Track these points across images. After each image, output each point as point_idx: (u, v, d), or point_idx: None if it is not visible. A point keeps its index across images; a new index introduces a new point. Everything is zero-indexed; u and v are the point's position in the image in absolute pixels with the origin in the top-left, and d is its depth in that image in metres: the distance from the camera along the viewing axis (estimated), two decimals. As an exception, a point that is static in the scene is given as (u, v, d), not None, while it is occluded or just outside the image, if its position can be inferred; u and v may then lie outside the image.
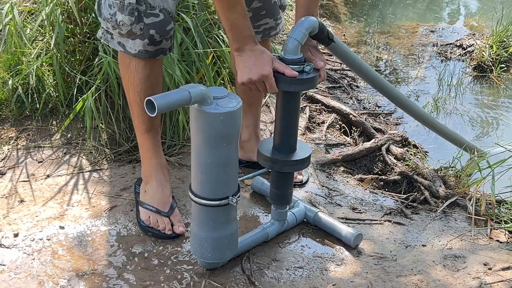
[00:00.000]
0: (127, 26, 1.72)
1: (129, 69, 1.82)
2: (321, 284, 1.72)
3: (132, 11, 1.70)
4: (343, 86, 3.45)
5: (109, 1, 1.75)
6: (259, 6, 1.98)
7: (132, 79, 1.82)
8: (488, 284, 1.73)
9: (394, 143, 2.64)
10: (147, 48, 1.76)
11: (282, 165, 1.74)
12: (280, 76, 1.60)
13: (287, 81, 1.60)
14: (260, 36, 2.02)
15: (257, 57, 1.61)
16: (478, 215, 2.08)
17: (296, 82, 1.61)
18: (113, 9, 1.74)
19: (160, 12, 1.72)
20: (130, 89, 1.85)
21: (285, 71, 1.60)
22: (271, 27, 2.05)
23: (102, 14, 1.78)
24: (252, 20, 1.95)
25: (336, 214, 2.07)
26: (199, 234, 1.66)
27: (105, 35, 1.83)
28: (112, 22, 1.75)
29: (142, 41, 1.74)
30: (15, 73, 2.48)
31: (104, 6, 1.77)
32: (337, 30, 4.50)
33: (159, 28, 1.74)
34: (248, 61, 1.60)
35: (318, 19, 1.66)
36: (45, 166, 2.25)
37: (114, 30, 1.77)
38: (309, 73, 1.62)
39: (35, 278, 1.68)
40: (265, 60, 1.60)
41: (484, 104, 3.51)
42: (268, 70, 1.59)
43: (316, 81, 1.66)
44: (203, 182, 1.59)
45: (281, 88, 1.62)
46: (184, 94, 1.42)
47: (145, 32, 1.73)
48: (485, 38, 4.22)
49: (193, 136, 1.55)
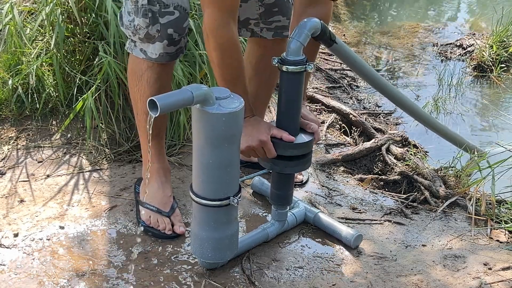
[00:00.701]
0: (144, 29, 1.72)
1: (141, 81, 1.82)
2: (321, 284, 1.72)
3: (146, 12, 1.70)
4: (343, 86, 3.45)
5: (127, 8, 1.75)
6: (272, 3, 1.96)
7: (143, 91, 1.83)
8: (488, 284, 1.73)
9: (394, 143, 2.64)
10: (167, 50, 1.76)
11: (283, 167, 1.74)
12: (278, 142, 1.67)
13: (285, 146, 1.68)
14: (272, 33, 2.00)
15: (254, 126, 1.68)
16: (478, 215, 2.08)
17: (293, 146, 1.69)
18: (131, 15, 1.74)
19: (175, 9, 1.72)
20: (139, 100, 1.85)
21: (283, 136, 1.67)
22: (284, 26, 2.00)
23: (124, 23, 1.79)
24: (264, 15, 1.95)
25: (336, 214, 2.07)
26: (200, 234, 1.66)
27: (130, 44, 1.83)
28: (132, 28, 1.76)
29: (161, 43, 1.74)
30: (15, 73, 2.48)
31: (124, 14, 1.77)
32: (337, 30, 4.50)
33: (176, 26, 1.73)
34: (246, 130, 1.64)
35: (320, 20, 1.66)
36: (45, 166, 2.25)
37: (135, 37, 1.77)
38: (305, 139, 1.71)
39: (35, 278, 1.68)
40: (263, 128, 1.68)
41: (484, 104, 3.51)
42: (266, 137, 1.66)
43: (312, 145, 1.75)
44: (204, 182, 1.59)
45: (279, 152, 1.69)
46: (187, 95, 1.42)
47: (162, 33, 1.72)
48: (485, 38, 4.22)
49: (195, 137, 1.55)
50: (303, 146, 1.71)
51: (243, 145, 1.66)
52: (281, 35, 2.01)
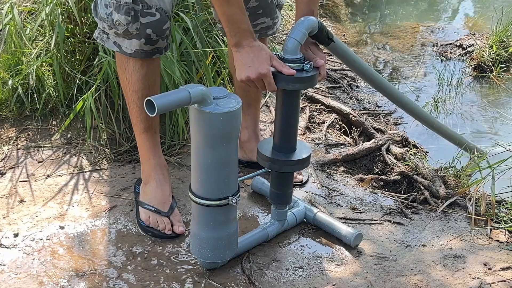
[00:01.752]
0: (123, 25, 1.72)
1: (127, 68, 1.82)
2: (321, 284, 1.72)
3: (129, 10, 1.70)
4: (343, 86, 3.45)
5: (105, 0, 1.74)
6: (256, 6, 1.98)
7: (130, 79, 1.82)
8: (488, 284, 1.73)
9: (394, 143, 2.64)
10: (143, 48, 1.76)
11: (282, 165, 1.74)
12: (279, 74, 1.60)
13: (285, 79, 1.60)
14: (257, 35, 2.01)
15: (256, 54, 1.61)
16: (478, 215, 2.08)
17: (295, 80, 1.61)
18: (109, 8, 1.73)
19: (156, 11, 1.72)
20: (128, 89, 1.85)
21: (283, 69, 1.60)
22: (268, 26, 2.05)
23: (98, 14, 1.78)
24: (249, 19, 1.95)
25: (336, 214, 2.07)
26: (199, 234, 1.66)
27: (101, 35, 1.83)
28: (108, 22, 1.75)
29: (139, 40, 1.74)
30: (15, 73, 2.48)
31: (100, 5, 1.76)
32: (337, 30, 4.50)
33: (156, 27, 1.73)
34: (246, 58, 1.60)
35: (318, 19, 1.66)
36: (45, 166, 2.25)
37: (110, 30, 1.77)
38: (309, 72, 1.62)
39: (35, 278, 1.68)
40: (264, 58, 1.60)
41: (484, 104, 3.51)
42: (267, 69, 1.59)
43: (315, 80, 1.66)
44: (203, 182, 1.59)
45: (279, 86, 1.62)
46: (184, 94, 1.42)
47: (141, 31, 1.72)
48: (485, 38, 4.21)
49: (193, 136, 1.55)
50: (306, 80, 1.62)
51: (242, 75, 1.61)
52: (265, 34, 2.06)
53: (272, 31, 2.09)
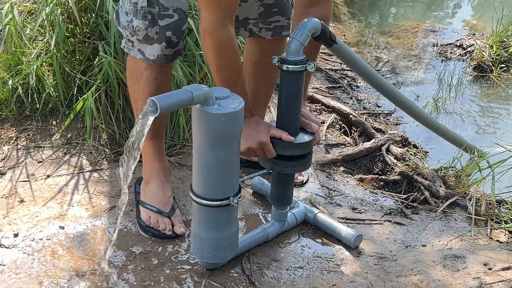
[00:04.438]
0: (143, 30, 1.72)
1: (140, 80, 1.81)
2: (321, 284, 1.72)
3: (145, 14, 1.70)
4: (343, 86, 3.45)
5: (125, 8, 1.75)
6: (272, 3, 1.95)
7: (142, 90, 1.82)
8: (488, 284, 1.73)
9: (394, 143, 2.64)
10: (165, 52, 1.76)
11: (283, 167, 1.74)
12: (278, 141, 1.67)
13: (284, 146, 1.68)
14: (271, 33, 2.00)
15: (253, 127, 1.68)
16: (478, 215, 2.08)
17: (292, 146, 1.68)
18: (129, 16, 1.74)
19: (174, 12, 1.71)
20: (139, 99, 1.85)
21: (282, 136, 1.67)
22: (283, 25, 2.00)
23: (121, 23, 1.78)
24: (263, 15, 1.95)
25: (336, 214, 2.07)
26: (200, 234, 1.66)
27: (127, 44, 1.83)
28: (130, 29, 1.75)
29: (160, 45, 1.74)
30: (15, 73, 2.48)
31: (122, 14, 1.77)
32: (337, 30, 4.50)
33: (175, 29, 1.73)
34: (245, 132, 1.64)
35: (320, 20, 1.66)
36: (45, 166, 2.25)
37: (133, 37, 1.77)
38: (305, 139, 1.71)
39: (35, 278, 1.68)
40: (262, 129, 1.68)
41: (484, 104, 3.51)
42: (265, 138, 1.67)
43: (312, 145, 1.74)
44: (204, 183, 1.59)
45: (279, 152, 1.69)
46: (187, 95, 1.42)
47: (161, 35, 1.72)
48: (485, 38, 4.22)
49: (194, 137, 1.55)
50: (303, 146, 1.71)
51: (243, 146, 1.66)
52: (279, 34, 2.01)
53: (287, 32, 2.03)
